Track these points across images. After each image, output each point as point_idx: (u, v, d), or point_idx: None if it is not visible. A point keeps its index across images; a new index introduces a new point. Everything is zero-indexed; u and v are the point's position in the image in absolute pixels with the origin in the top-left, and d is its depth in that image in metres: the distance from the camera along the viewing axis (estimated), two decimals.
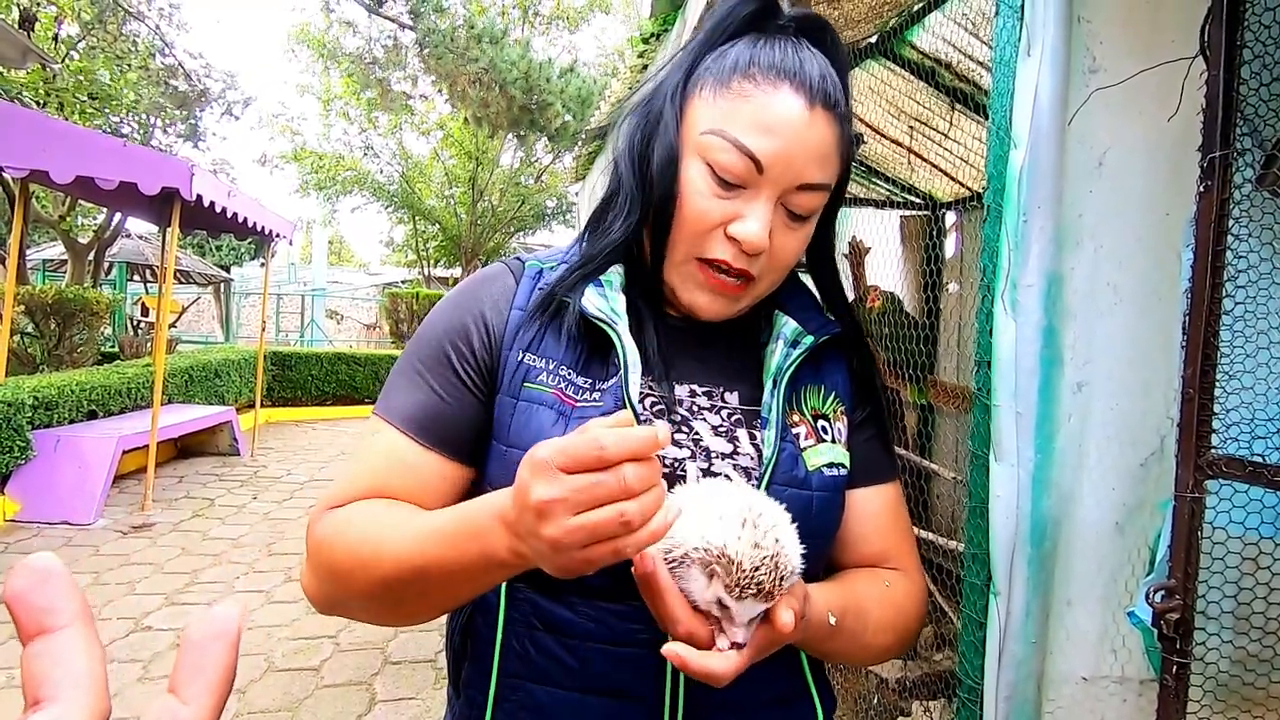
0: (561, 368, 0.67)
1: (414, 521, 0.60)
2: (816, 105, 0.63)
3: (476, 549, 0.54)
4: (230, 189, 5.41)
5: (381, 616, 0.64)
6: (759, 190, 0.63)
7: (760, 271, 0.66)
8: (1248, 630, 0.83)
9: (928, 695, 2.26)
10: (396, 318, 12.34)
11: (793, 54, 0.64)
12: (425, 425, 0.67)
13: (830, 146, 0.64)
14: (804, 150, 0.63)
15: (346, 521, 0.63)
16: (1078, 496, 0.94)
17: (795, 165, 0.63)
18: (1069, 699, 0.95)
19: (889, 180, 3.07)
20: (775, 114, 0.62)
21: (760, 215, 0.63)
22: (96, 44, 9.79)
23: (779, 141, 0.62)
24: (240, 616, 0.25)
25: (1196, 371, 0.74)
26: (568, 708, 0.64)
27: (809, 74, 0.63)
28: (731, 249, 0.64)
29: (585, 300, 0.67)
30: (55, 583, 0.22)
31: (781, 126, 0.62)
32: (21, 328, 7.14)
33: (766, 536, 0.54)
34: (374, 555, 0.59)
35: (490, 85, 8.30)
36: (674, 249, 0.67)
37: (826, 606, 0.62)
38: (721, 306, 0.68)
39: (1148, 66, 0.89)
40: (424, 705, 2.70)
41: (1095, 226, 0.94)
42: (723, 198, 0.64)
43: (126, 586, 3.62)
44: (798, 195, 0.64)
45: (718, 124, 0.63)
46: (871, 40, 2.33)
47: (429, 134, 16.58)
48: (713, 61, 0.66)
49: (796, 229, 0.66)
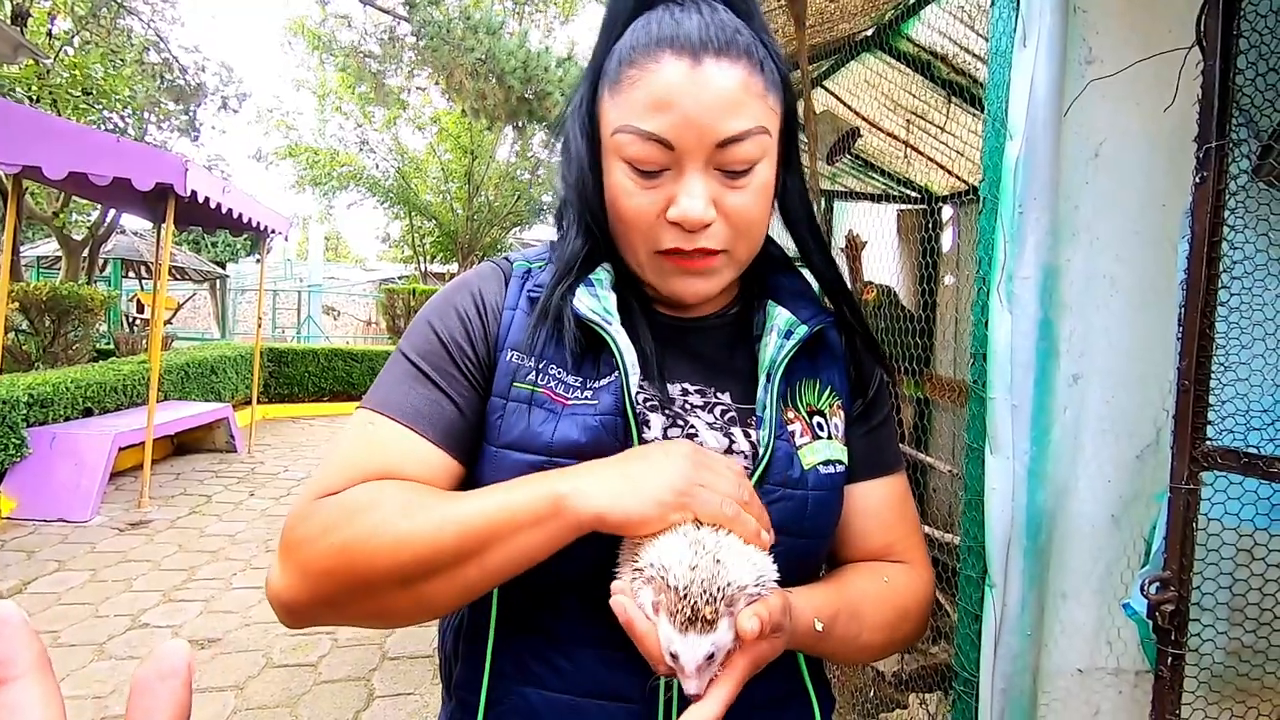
0: (551, 366, 0.66)
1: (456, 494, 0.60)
2: (704, 58, 0.60)
3: (539, 493, 0.56)
4: (225, 185, 5.38)
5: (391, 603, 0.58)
6: (680, 167, 0.62)
7: (723, 242, 0.64)
8: (1242, 622, 0.83)
9: (924, 688, 2.27)
10: (393, 314, 12.32)
11: (668, 19, 0.62)
12: (428, 419, 0.64)
13: (736, 91, 0.60)
14: (704, 108, 0.60)
15: (370, 497, 0.59)
16: (1073, 489, 0.94)
17: (702, 127, 0.60)
18: (1064, 691, 0.96)
19: (885, 174, 3.06)
20: (662, 87, 0.60)
21: (690, 190, 0.61)
22: (90, 39, 9.73)
23: (676, 112, 0.60)
24: (188, 654, 0.24)
25: (1192, 363, 0.73)
26: (560, 711, 0.63)
27: (686, 32, 0.61)
28: (680, 233, 0.63)
29: (577, 301, 0.66)
30: (11, 631, 0.22)
31: (672, 96, 0.60)
32: (16, 325, 7.11)
33: (705, 557, 0.53)
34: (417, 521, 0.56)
35: (487, 76, 8.26)
36: (632, 250, 0.67)
37: (815, 612, 0.61)
38: (702, 285, 0.66)
39: (1144, 57, 0.89)
40: (422, 700, 2.71)
41: (1091, 218, 0.93)
42: (651, 188, 0.63)
43: (123, 584, 3.61)
44: (724, 153, 0.61)
45: (620, 120, 0.62)
46: (868, 33, 2.32)
47: (424, 128, 16.54)
48: (610, 61, 0.65)
49: (742, 185, 0.63)
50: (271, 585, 0.60)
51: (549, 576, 0.61)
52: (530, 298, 0.70)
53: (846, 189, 3.30)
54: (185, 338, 12.61)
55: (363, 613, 0.59)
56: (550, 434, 0.63)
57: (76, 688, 2.66)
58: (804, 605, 0.60)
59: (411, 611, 0.59)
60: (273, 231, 6.59)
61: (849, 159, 2.94)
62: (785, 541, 0.63)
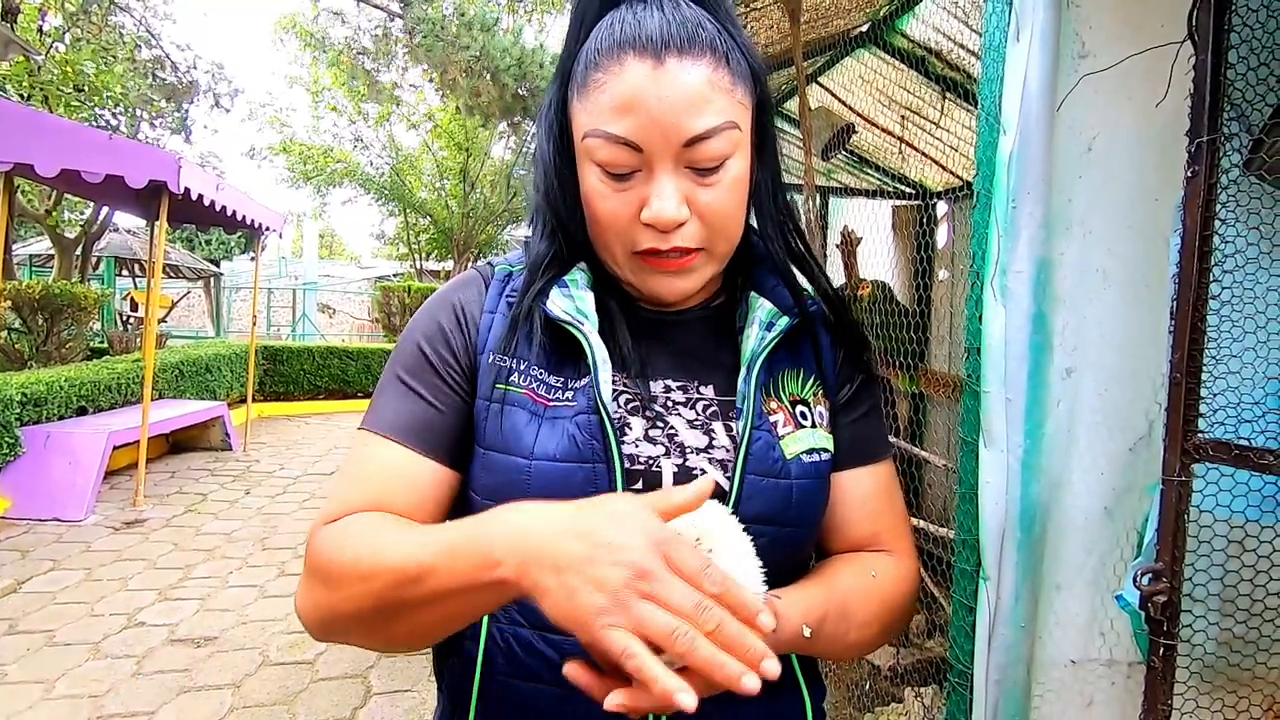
0: (534, 368, 0.67)
1: (415, 531, 0.59)
2: (666, 58, 0.60)
3: (479, 555, 0.52)
4: (219, 182, 5.36)
5: (375, 634, 0.61)
6: (651, 168, 0.62)
7: (699, 240, 0.64)
8: (1234, 613, 0.84)
9: (919, 681, 2.28)
10: (388, 311, 12.29)
11: (630, 19, 0.62)
12: (417, 432, 0.66)
13: (701, 87, 0.60)
14: (669, 108, 0.59)
15: (344, 532, 0.61)
16: (1067, 481, 0.94)
17: (667, 127, 0.60)
18: (1058, 682, 0.96)
19: (880, 170, 3.07)
20: (626, 89, 0.60)
21: (661, 191, 0.61)
22: (81, 35, 9.66)
23: (641, 114, 0.60)
24: None
25: (1184, 356, 0.74)
26: (552, 703, 0.64)
27: (647, 32, 0.60)
28: (655, 234, 0.63)
29: (550, 303, 0.67)
30: None
31: (636, 98, 0.60)
32: (9, 323, 7.07)
33: None
34: (373, 563, 0.57)
35: (481, 73, 8.23)
36: (610, 252, 0.67)
37: (803, 616, 0.61)
38: (681, 284, 0.66)
39: (1136, 51, 0.89)
40: (419, 697, 2.71)
41: (1084, 212, 0.94)
42: (624, 190, 0.63)
43: (119, 583, 3.60)
44: (692, 151, 0.61)
45: (589, 124, 0.62)
46: (863, 29, 2.32)
47: (419, 125, 16.47)
48: (577, 65, 0.65)
49: (713, 182, 0.63)
50: (295, 603, 0.65)
51: None
52: (509, 301, 0.71)
53: (841, 185, 3.30)
54: (179, 336, 12.56)
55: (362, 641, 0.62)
56: (533, 439, 0.64)
57: (72, 687, 2.66)
58: (791, 613, 0.60)
59: (410, 640, 0.61)
60: (267, 229, 6.56)
61: (844, 155, 2.94)
62: (771, 531, 0.64)
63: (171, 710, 2.55)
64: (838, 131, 2.72)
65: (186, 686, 2.70)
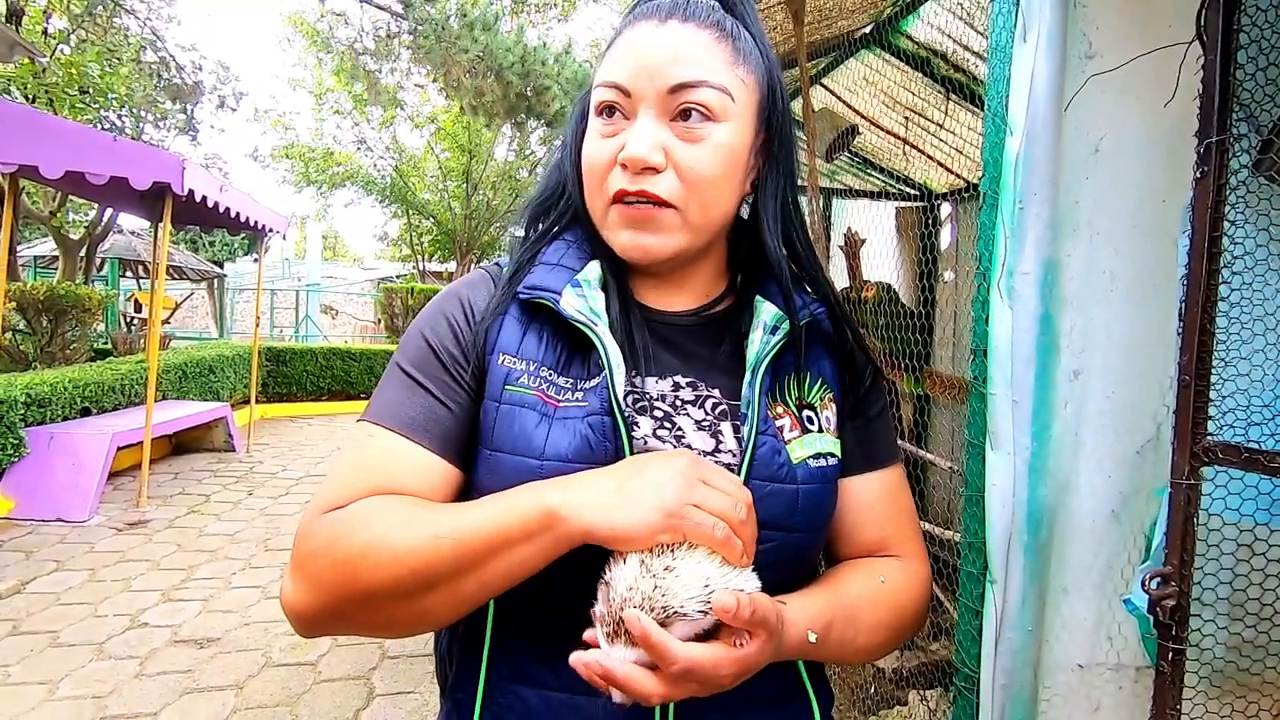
0: (543, 369, 0.66)
1: (449, 506, 0.60)
2: (670, 20, 0.64)
3: (532, 502, 0.56)
4: (223, 184, 5.37)
5: (394, 614, 0.59)
6: (635, 112, 0.65)
7: (671, 194, 0.64)
8: (1243, 616, 0.83)
9: (925, 684, 2.27)
10: (391, 312, 12.31)
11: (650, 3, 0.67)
12: (425, 427, 0.65)
13: (695, 47, 0.64)
14: (660, 56, 0.63)
15: (365, 512, 0.60)
16: (1074, 484, 0.94)
17: (653, 71, 0.63)
18: (1065, 686, 0.96)
19: (884, 171, 3.06)
20: (630, 43, 0.65)
21: (638, 132, 0.64)
22: (86, 37, 9.70)
23: (635, 61, 0.64)
24: None
25: (1193, 358, 0.73)
26: (558, 709, 0.63)
27: (660, 3, 0.66)
28: (626, 174, 0.65)
29: (564, 302, 0.66)
30: None
31: (636, 48, 0.65)
32: (13, 325, 7.10)
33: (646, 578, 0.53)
34: (415, 532, 0.57)
35: (485, 73, 8.24)
36: (593, 205, 0.69)
37: (810, 622, 0.60)
38: (650, 241, 0.66)
39: (1144, 52, 0.88)
40: (422, 699, 2.71)
41: (1092, 213, 0.93)
42: (610, 135, 0.66)
43: (122, 583, 3.61)
44: (676, 97, 0.63)
45: (595, 82, 0.68)
46: (867, 30, 2.32)
47: (422, 127, 16.50)
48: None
49: (696, 139, 0.64)
50: (284, 597, 0.61)
51: (547, 574, 0.61)
52: (518, 300, 0.70)
53: (845, 186, 3.30)
54: (183, 337, 12.59)
55: (368, 623, 0.61)
56: (543, 440, 0.63)
57: (76, 688, 2.66)
58: (797, 617, 0.60)
59: (414, 623, 0.60)
60: (270, 230, 6.57)
61: (848, 156, 2.93)
62: (777, 537, 0.63)
63: (174, 711, 2.55)
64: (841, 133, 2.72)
65: (189, 687, 2.70)
